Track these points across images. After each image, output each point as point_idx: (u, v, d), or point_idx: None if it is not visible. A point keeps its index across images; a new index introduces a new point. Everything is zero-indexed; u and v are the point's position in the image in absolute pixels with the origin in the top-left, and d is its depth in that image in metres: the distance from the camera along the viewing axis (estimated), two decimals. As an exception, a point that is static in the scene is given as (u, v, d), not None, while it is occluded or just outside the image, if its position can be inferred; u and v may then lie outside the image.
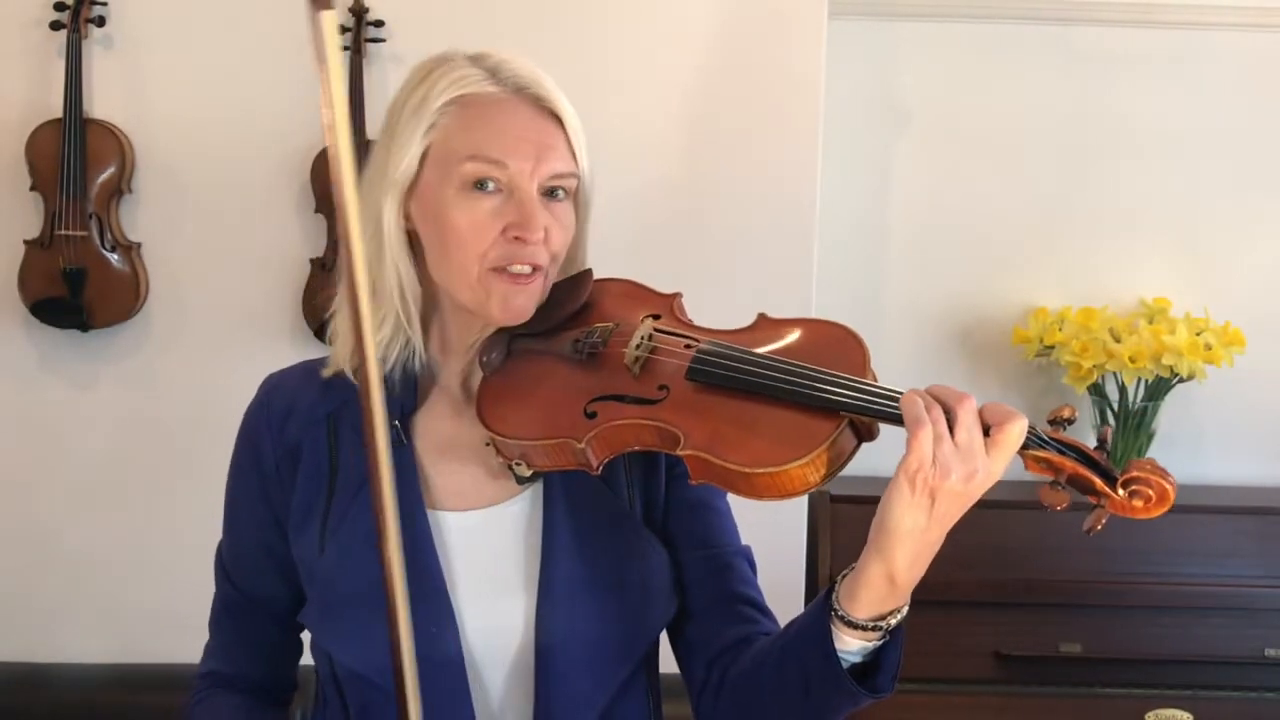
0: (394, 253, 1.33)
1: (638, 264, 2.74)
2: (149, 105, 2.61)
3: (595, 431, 1.26)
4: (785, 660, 1.23)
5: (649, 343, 1.30)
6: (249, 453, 1.41)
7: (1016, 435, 1.11)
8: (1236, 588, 2.54)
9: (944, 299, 2.88)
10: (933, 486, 1.10)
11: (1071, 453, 1.16)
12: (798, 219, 2.62)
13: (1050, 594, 2.51)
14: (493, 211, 1.29)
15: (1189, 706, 2.45)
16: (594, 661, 1.31)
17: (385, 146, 1.34)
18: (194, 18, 2.59)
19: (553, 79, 1.36)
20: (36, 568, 2.71)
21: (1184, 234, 2.87)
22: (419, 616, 1.21)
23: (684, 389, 1.25)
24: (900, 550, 1.13)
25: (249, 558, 1.42)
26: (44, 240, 2.57)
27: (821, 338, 1.28)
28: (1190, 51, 2.82)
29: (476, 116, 1.31)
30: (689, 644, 1.36)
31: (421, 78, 1.34)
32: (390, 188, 1.32)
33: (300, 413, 1.39)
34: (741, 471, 1.17)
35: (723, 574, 1.36)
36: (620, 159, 2.60)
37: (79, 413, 2.67)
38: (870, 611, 1.17)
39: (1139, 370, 2.65)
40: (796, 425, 1.18)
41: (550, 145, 1.32)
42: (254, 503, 1.40)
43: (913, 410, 1.11)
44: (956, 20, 2.81)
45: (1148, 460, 1.16)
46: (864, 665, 1.20)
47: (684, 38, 2.59)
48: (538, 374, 1.34)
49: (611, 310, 1.38)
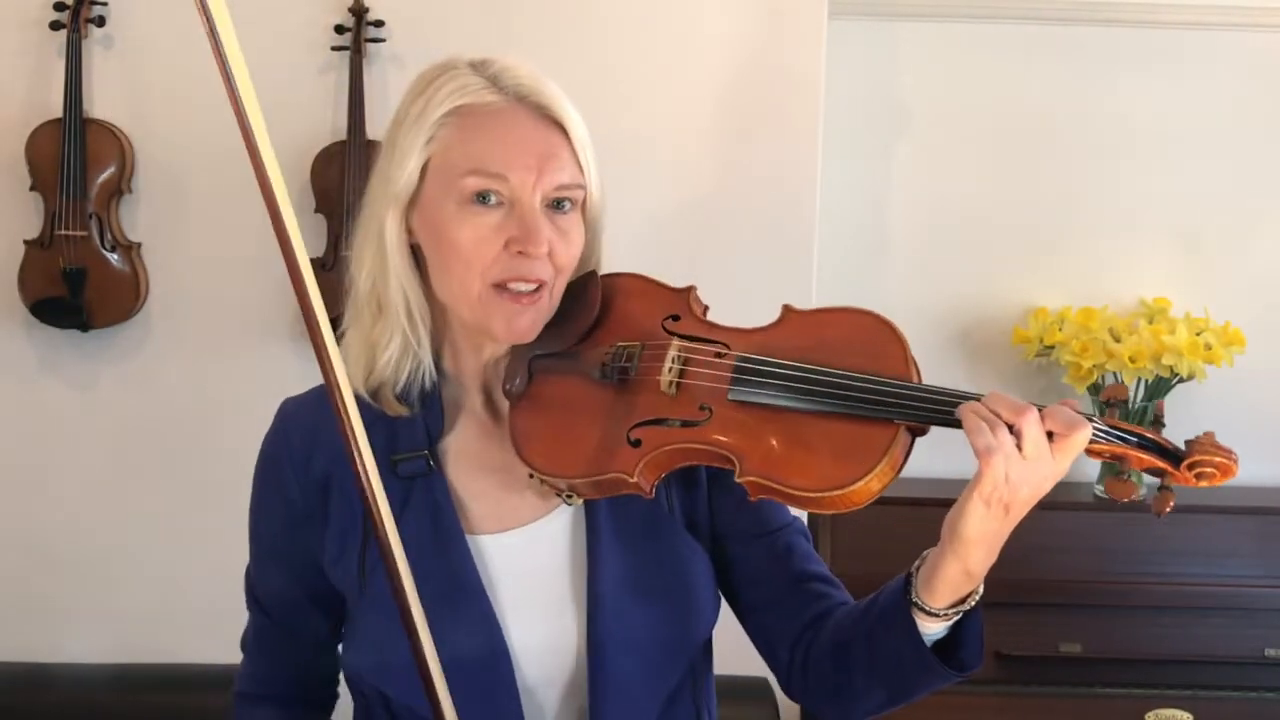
0: (397, 267, 1.30)
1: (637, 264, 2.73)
2: (149, 105, 2.61)
3: (644, 462, 1.23)
4: (873, 643, 1.25)
5: (680, 364, 1.26)
6: (271, 485, 1.38)
7: (1081, 441, 1.12)
8: (1236, 588, 2.54)
9: (944, 299, 2.88)
10: (1007, 502, 1.12)
11: (1136, 440, 1.15)
12: (798, 219, 2.62)
13: (1050, 594, 2.51)
14: (494, 226, 1.26)
15: (1189, 706, 2.45)
16: (646, 673, 1.31)
17: (388, 156, 1.31)
18: (194, 18, 2.58)
19: (558, 86, 1.33)
20: (36, 568, 2.71)
21: (1184, 234, 2.87)
22: (467, 645, 1.24)
23: (727, 407, 1.22)
24: (976, 552, 1.16)
25: (281, 592, 1.40)
26: (44, 240, 2.57)
27: (858, 333, 1.25)
28: (1190, 51, 2.81)
29: (476, 127, 1.27)
30: (768, 632, 1.37)
31: (423, 87, 1.30)
32: (392, 200, 1.29)
33: (325, 443, 1.34)
34: (806, 496, 1.16)
35: (786, 557, 1.37)
36: (620, 159, 2.59)
37: (79, 413, 2.67)
38: (948, 601, 1.20)
39: (1139, 370, 2.65)
40: (853, 438, 1.16)
41: (553, 155, 1.28)
42: (282, 536, 1.38)
43: (982, 438, 1.11)
44: (956, 20, 2.81)
45: (1206, 437, 1.17)
46: (947, 639, 1.23)
47: (684, 38, 2.59)
48: (568, 400, 1.29)
49: (628, 316, 1.33)
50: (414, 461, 1.32)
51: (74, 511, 2.70)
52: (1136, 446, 1.15)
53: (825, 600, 1.35)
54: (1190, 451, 1.15)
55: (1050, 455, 1.11)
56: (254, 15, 2.56)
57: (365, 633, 1.32)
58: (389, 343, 1.31)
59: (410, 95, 1.32)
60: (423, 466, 1.32)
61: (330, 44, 2.55)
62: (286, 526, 1.37)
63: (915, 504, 1.81)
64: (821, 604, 1.35)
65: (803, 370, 1.21)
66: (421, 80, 1.32)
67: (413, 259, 1.31)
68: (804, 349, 1.24)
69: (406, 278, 1.31)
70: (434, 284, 1.31)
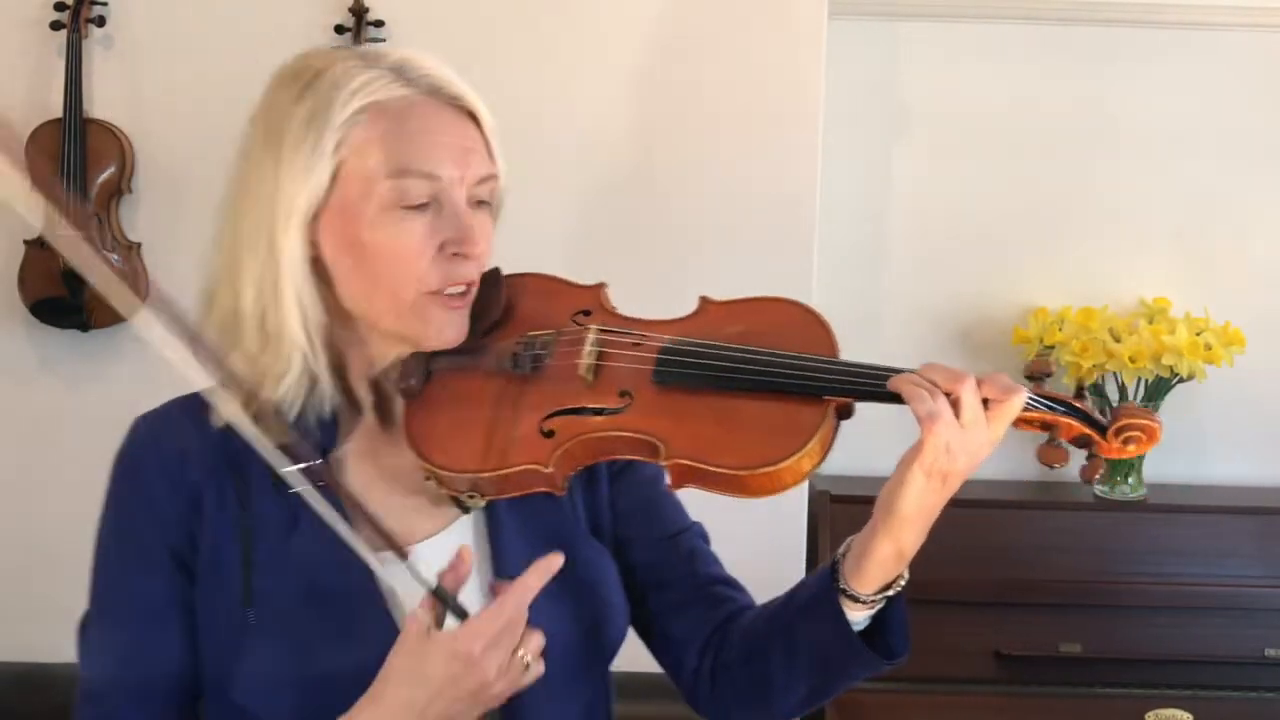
0: (298, 287, 1.19)
1: (637, 264, 2.75)
2: (149, 105, 2.61)
3: (560, 451, 1.16)
4: (795, 637, 1.23)
5: (598, 347, 1.21)
6: (139, 500, 1.24)
7: (1017, 406, 1.12)
8: (1236, 588, 2.53)
9: (944, 299, 2.88)
10: (946, 472, 1.11)
11: (1064, 408, 1.16)
12: (798, 219, 2.61)
13: (1050, 594, 2.51)
14: (425, 229, 1.18)
15: (1189, 706, 2.45)
16: (563, 686, 1.24)
17: (271, 164, 1.18)
18: (194, 18, 2.59)
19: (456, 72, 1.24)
20: (36, 568, 2.71)
21: (1184, 234, 2.86)
22: (371, 669, 1.14)
23: (650, 392, 1.17)
24: (911, 529, 1.14)
25: (152, 623, 1.22)
26: (44, 240, 2.57)
27: (781, 319, 1.23)
28: (1190, 51, 2.81)
29: (394, 126, 1.18)
30: (674, 639, 1.33)
31: (304, 84, 1.19)
32: (292, 214, 1.17)
33: (195, 454, 1.23)
34: (735, 474, 1.13)
35: (691, 561, 1.34)
36: (618, 159, 2.60)
37: (79, 413, 2.67)
38: (877, 585, 1.18)
39: (1139, 370, 2.65)
40: (782, 417, 1.14)
41: (473, 149, 1.22)
42: (155, 557, 1.22)
43: (924, 405, 1.10)
44: (956, 20, 2.81)
45: (1129, 405, 1.19)
46: (869, 628, 1.21)
47: (684, 38, 2.59)
48: (472, 394, 1.22)
49: (534, 311, 1.27)
50: (305, 474, 1.19)
51: (74, 511, 2.68)
52: (1065, 414, 1.15)
53: (732, 603, 1.33)
54: (1115, 417, 1.16)
55: (986, 422, 1.11)
56: (254, 16, 2.57)
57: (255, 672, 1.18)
58: (286, 371, 1.20)
59: (288, 95, 1.19)
60: (315, 476, 1.19)
61: (330, 44, 2.55)
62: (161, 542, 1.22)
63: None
64: (728, 607, 1.32)
65: (731, 349, 1.18)
66: (297, 76, 1.20)
67: (314, 274, 1.20)
68: (726, 336, 1.21)
69: (308, 297, 1.20)
70: (347, 298, 1.21)
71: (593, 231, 2.61)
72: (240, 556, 1.20)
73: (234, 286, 1.20)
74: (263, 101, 1.23)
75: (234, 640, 1.19)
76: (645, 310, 1.28)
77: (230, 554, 1.21)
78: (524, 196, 2.47)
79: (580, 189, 2.61)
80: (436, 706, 1.11)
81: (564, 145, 2.58)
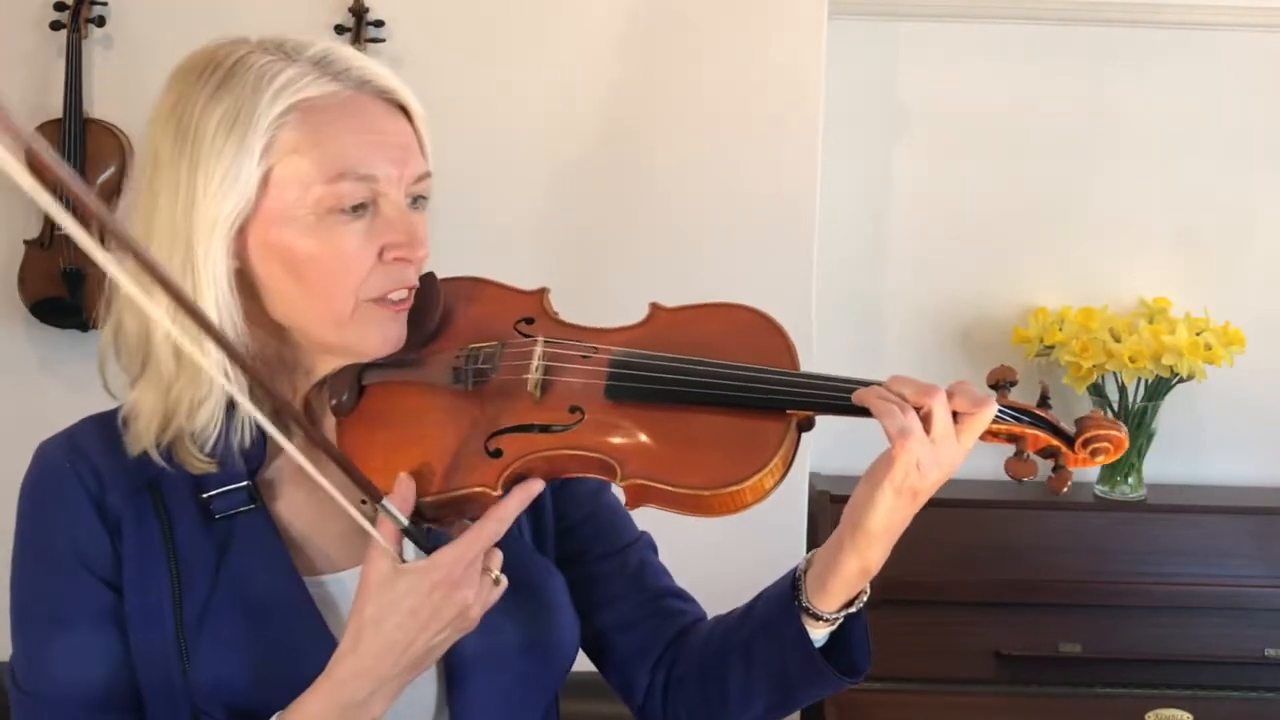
0: (223, 304, 1.10)
1: (636, 264, 2.75)
2: (149, 105, 2.60)
3: (507, 474, 1.09)
4: (753, 655, 1.19)
5: (545, 361, 1.13)
6: (57, 525, 1.14)
7: (987, 418, 1.07)
8: (1236, 588, 2.53)
9: (944, 299, 2.88)
10: (916, 489, 1.07)
11: (1030, 419, 1.12)
12: (798, 219, 2.61)
13: (1050, 594, 2.51)
14: (364, 234, 1.10)
15: (1189, 707, 2.45)
16: (512, 708, 1.21)
17: (184, 176, 1.09)
18: (194, 18, 2.59)
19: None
20: (36, 568, 2.71)
21: (1184, 234, 2.86)
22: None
23: (602, 408, 1.11)
24: (878, 547, 1.10)
25: (89, 633, 1.13)
26: (44, 240, 2.57)
27: (736, 326, 1.16)
28: (1191, 51, 2.81)
29: (326, 125, 1.09)
30: (625, 654, 1.29)
31: (218, 81, 1.11)
32: (215, 225, 1.08)
33: (111, 480, 1.15)
34: (696, 494, 1.07)
35: (640, 575, 1.30)
36: (618, 159, 2.60)
37: (79, 413, 2.65)
38: (840, 603, 1.15)
39: (1139, 370, 2.65)
40: (743, 433, 1.08)
41: (408, 146, 1.14)
42: (81, 577, 1.13)
43: (894, 421, 1.04)
44: (956, 20, 2.81)
45: (1094, 413, 1.14)
46: (828, 644, 1.18)
47: (683, 37, 2.59)
48: (409, 411, 1.14)
49: (473, 319, 1.20)
50: (231, 496, 1.14)
51: (74, 511, 2.70)
52: (1032, 425, 1.11)
53: (684, 617, 1.29)
54: (1082, 428, 1.12)
55: (955, 436, 1.06)
56: (253, 16, 2.57)
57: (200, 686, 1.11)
58: (205, 397, 1.11)
59: (200, 92, 1.11)
60: (244, 499, 1.14)
61: (330, 44, 2.55)
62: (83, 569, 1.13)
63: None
64: (681, 620, 1.29)
65: (686, 362, 1.11)
66: (209, 71, 1.12)
67: (239, 287, 1.12)
68: (680, 346, 1.14)
69: (232, 314, 1.11)
70: (274, 308, 1.13)
71: (591, 232, 2.61)
72: (169, 576, 1.12)
73: (143, 308, 1.06)
74: (168, 97, 1.13)
75: (173, 658, 1.12)
76: (645, 308, 1.26)
77: (157, 574, 1.13)
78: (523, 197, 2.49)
79: (579, 189, 2.61)
80: (421, 640, 1.06)
81: (563, 145, 2.58)
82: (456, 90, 2.53)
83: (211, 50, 1.15)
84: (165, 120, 1.13)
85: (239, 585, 1.12)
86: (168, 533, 1.14)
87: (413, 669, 1.08)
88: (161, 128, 1.13)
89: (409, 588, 1.06)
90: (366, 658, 1.06)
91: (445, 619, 1.07)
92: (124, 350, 1.18)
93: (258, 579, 1.13)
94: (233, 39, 1.16)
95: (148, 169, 1.13)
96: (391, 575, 1.06)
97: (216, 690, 1.11)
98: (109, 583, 1.14)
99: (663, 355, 1.13)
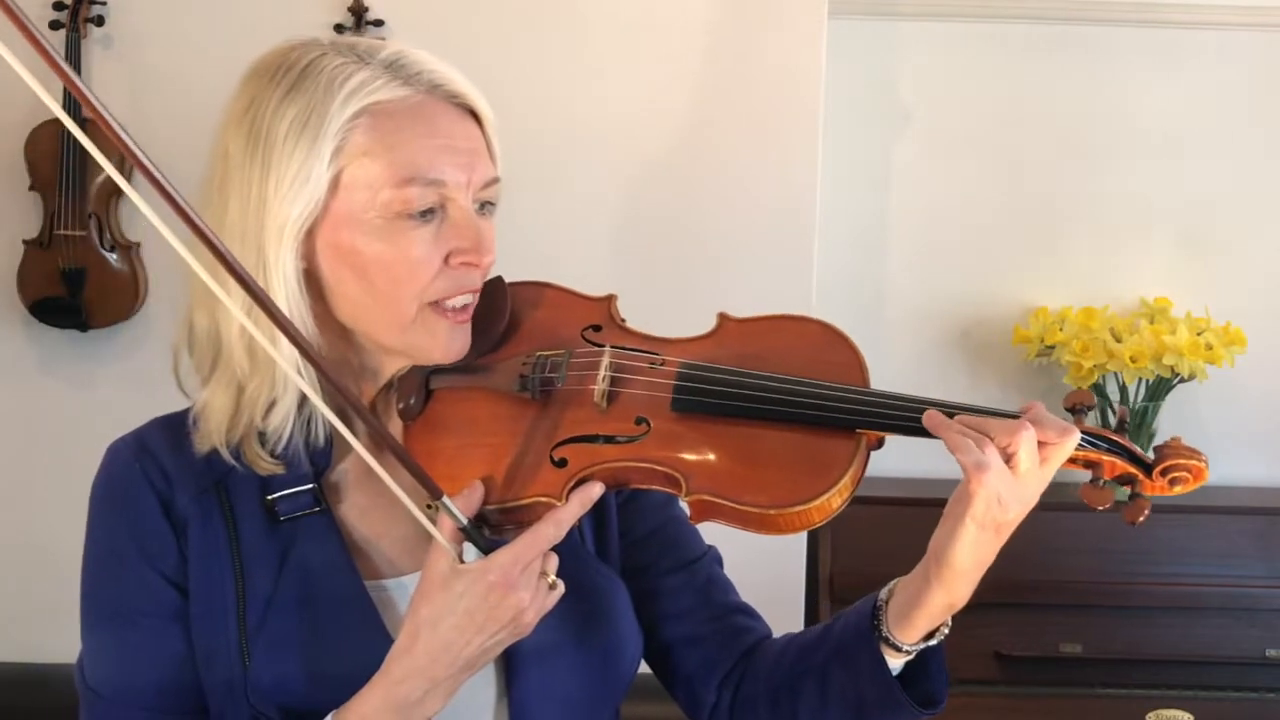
0: (294, 303, 1.11)
1: (636, 264, 2.75)
2: (149, 105, 2.60)
3: (573, 483, 1.09)
4: (829, 681, 1.18)
5: (611, 371, 1.12)
6: (126, 525, 1.16)
7: (1071, 447, 1.05)
8: (1236, 588, 2.53)
9: (944, 299, 2.88)
10: (999, 523, 1.04)
11: (1107, 444, 1.08)
12: (798, 219, 2.61)
13: (1050, 594, 2.51)
14: (431, 239, 1.10)
15: (1190, 707, 2.44)
16: (570, 709, 1.20)
17: (256, 176, 1.10)
18: (193, 17, 2.59)
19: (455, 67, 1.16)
20: (36, 568, 2.70)
21: (1185, 234, 2.86)
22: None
23: (668, 420, 1.09)
24: (966, 581, 1.08)
25: (157, 629, 1.15)
26: (43, 240, 2.57)
27: (807, 341, 1.14)
28: (1191, 51, 2.81)
29: (396, 129, 1.09)
30: (691, 670, 1.27)
31: (292, 82, 1.10)
32: (285, 227, 1.09)
33: (178, 480, 1.16)
34: (764, 513, 1.05)
35: (708, 590, 1.28)
36: (618, 159, 2.60)
37: (79, 413, 2.67)
38: (921, 635, 1.13)
39: (1140, 370, 2.65)
40: (811, 451, 1.06)
41: (478, 150, 1.14)
42: (149, 578, 1.15)
43: (970, 455, 1.01)
44: (956, 20, 2.81)
45: (1174, 441, 1.10)
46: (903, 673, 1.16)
47: (683, 37, 2.59)
48: (475, 418, 1.14)
49: (540, 325, 1.19)
50: (297, 498, 1.15)
51: (74, 512, 2.69)
52: (1109, 451, 1.08)
53: (751, 634, 1.27)
54: (1162, 457, 1.09)
55: (1040, 468, 1.03)
56: (253, 15, 2.57)
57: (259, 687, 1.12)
58: (279, 397, 1.12)
59: (274, 92, 1.10)
60: (309, 502, 1.14)
61: (330, 44, 2.55)
62: (155, 573, 1.15)
63: (917, 504, 1.81)
64: (748, 638, 1.27)
65: (754, 376, 1.10)
66: (283, 72, 1.11)
67: (305, 288, 1.12)
68: (747, 358, 1.13)
69: (302, 313, 1.12)
70: (340, 310, 1.14)
71: (589, 231, 2.61)
72: (233, 578, 1.14)
73: (218, 303, 1.08)
74: (240, 99, 1.13)
75: (235, 658, 1.13)
76: (645, 309, 1.26)
77: (221, 575, 1.14)
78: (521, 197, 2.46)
79: (576, 189, 2.61)
80: (476, 641, 1.06)
81: (561, 145, 2.58)
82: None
83: (284, 51, 1.14)
84: (238, 123, 1.12)
85: (300, 587, 1.13)
86: (233, 534, 1.15)
87: (468, 669, 1.08)
88: (234, 130, 1.12)
89: (465, 589, 1.06)
90: (422, 657, 1.07)
91: (500, 621, 1.06)
92: (195, 348, 1.18)
93: (319, 581, 1.14)
94: (305, 40, 1.15)
95: (218, 171, 1.13)
96: (449, 576, 1.07)
97: (273, 691, 1.11)
98: (175, 582, 1.15)
99: (730, 369, 1.11)
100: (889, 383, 1.13)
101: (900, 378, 1.17)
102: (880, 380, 1.14)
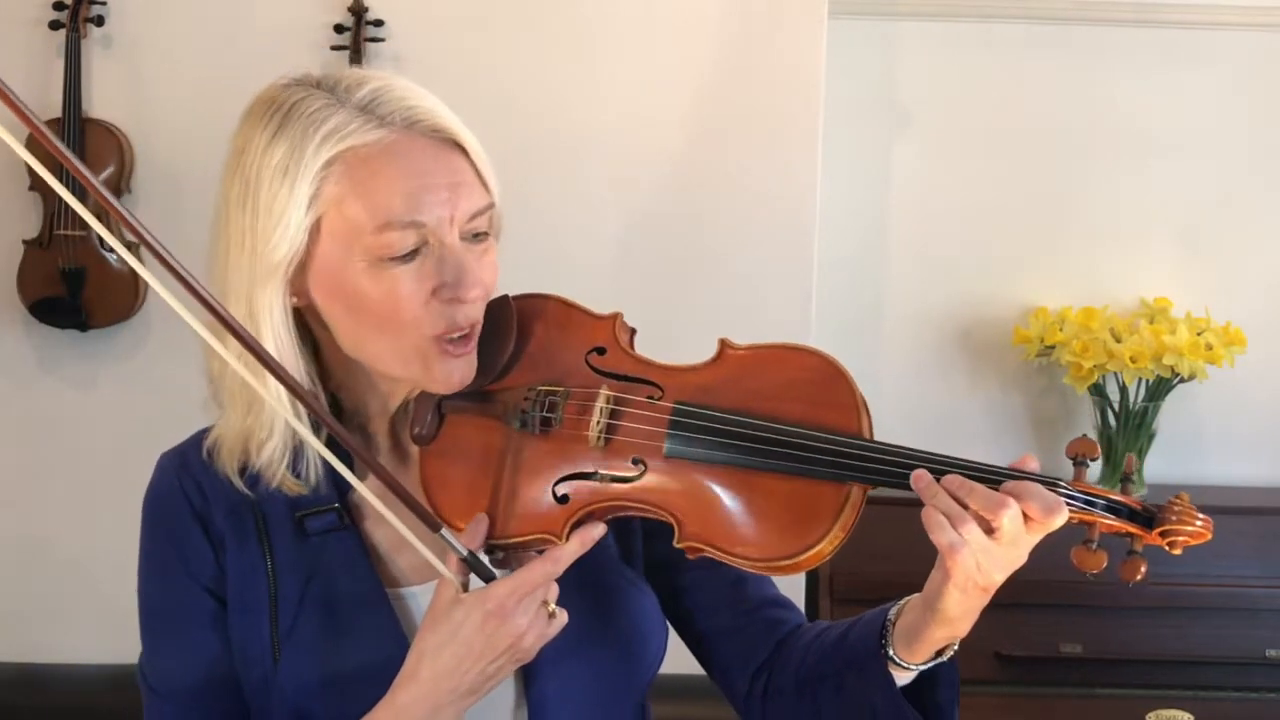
0: (284, 346, 1.14)
1: (635, 265, 2.74)
2: (149, 105, 2.61)
3: (573, 520, 1.13)
4: (844, 688, 1.20)
5: (609, 413, 1.14)
6: (169, 537, 1.22)
7: (1056, 525, 1.06)
8: (1236, 588, 2.53)
9: (944, 299, 2.88)
10: (983, 586, 1.07)
11: (1104, 505, 1.08)
12: (798, 219, 2.61)
13: (1050, 594, 2.50)
14: (416, 277, 1.11)
15: (1190, 707, 2.44)
16: (591, 708, 1.22)
17: (247, 220, 1.12)
18: (193, 17, 2.59)
19: (435, 97, 1.17)
20: (36, 568, 2.71)
21: (1185, 234, 2.86)
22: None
23: (662, 463, 1.12)
24: (962, 625, 1.12)
25: (206, 632, 1.22)
26: (43, 240, 2.57)
27: (804, 376, 1.14)
28: (1191, 51, 2.81)
29: (371, 175, 1.09)
30: (726, 660, 1.30)
31: (278, 125, 1.11)
32: (269, 272, 1.12)
33: (214, 497, 1.21)
34: (754, 564, 1.09)
35: (741, 583, 1.30)
36: (619, 159, 2.60)
37: (78, 413, 2.67)
38: (925, 658, 1.16)
39: (1140, 370, 2.65)
40: (802, 501, 1.08)
41: (461, 183, 1.13)
42: (193, 589, 1.21)
43: (944, 535, 1.03)
44: (957, 20, 2.81)
45: (1179, 501, 1.08)
46: (915, 681, 1.18)
47: (683, 37, 2.59)
48: (484, 449, 1.17)
49: (547, 350, 1.20)
50: (323, 517, 1.20)
51: (74, 511, 2.69)
52: (1104, 511, 1.07)
53: (783, 626, 1.30)
54: (1164, 517, 1.07)
55: (1024, 536, 1.05)
56: (253, 15, 2.57)
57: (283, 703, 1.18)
58: (269, 436, 1.16)
59: (262, 135, 1.12)
60: (334, 521, 1.20)
61: (330, 44, 2.55)
62: (197, 586, 1.21)
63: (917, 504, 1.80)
64: (780, 630, 1.29)
65: (747, 424, 1.11)
66: (270, 111, 1.13)
67: (297, 326, 1.16)
68: (745, 394, 1.13)
69: (295, 354, 1.16)
70: (343, 342, 1.17)
71: (590, 231, 2.61)
72: (267, 591, 1.20)
73: (209, 346, 1.13)
74: (235, 143, 1.15)
75: (269, 667, 1.19)
76: (646, 309, 1.27)
77: (257, 588, 1.20)
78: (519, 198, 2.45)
79: (575, 189, 2.61)
80: (476, 669, 1.11)
81: (561, 145, 2.58)
82: (455, 90, 2.50)
83: (276, 90, 1.15)
84: (233, 166, 1.15)
85: (324, 594, 1.19)
86: (267, 549, 1.21)
87: (471, 694, 1.13)
88: (229, 174, 1.15)
89: (463, 617, 1.10)
90: (425, 684, 1.12)
91: (498, 649, 1.11)
92: (209, 383, 1.23)
93: (342, 588, 1.19)
94: (298, 76, 1.16)
95: (220, 215, 1.16)
96: (451, 605, 1.12)
97: (294, 694, 1.17)
98: (214, 592, 1.21)
99: (723, 414, 1.12)
100: (889, 384, 1.14)
101: (900, 379, 1.19)
102: (880, 381, 1.14)
